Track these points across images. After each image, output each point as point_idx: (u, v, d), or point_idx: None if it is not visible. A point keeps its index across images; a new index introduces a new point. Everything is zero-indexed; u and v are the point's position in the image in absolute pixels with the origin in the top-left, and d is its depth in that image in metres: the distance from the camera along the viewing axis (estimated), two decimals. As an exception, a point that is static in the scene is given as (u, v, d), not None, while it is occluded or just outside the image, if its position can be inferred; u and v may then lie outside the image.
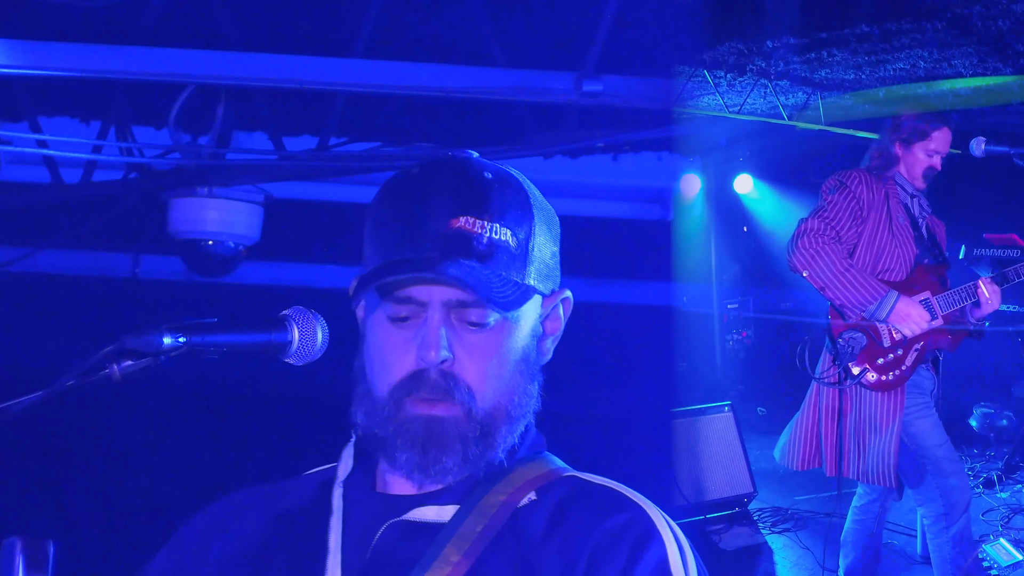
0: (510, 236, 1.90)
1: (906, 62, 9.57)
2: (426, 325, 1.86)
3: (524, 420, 1.97)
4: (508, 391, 1.92)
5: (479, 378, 1.88)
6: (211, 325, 1.77)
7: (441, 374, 1.86)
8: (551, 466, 2.02)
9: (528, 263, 1.94)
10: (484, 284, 1.83)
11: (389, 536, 1.89)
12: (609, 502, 1.90)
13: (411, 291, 1.86)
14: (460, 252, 1.85)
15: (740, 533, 8.30)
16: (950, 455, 5.97)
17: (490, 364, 1.89)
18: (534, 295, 1.96)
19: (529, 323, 1.97)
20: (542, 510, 1.90)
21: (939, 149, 6.08)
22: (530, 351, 1.97)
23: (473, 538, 1.84)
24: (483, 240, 1.87)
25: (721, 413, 8.83)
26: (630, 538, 1.82)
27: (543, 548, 1.83)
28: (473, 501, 1.90)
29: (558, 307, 2.05)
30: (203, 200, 6.61)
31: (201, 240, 6.65)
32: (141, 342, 1.70)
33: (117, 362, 1.69)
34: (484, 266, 1.86)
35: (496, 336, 1.90)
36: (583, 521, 1.86)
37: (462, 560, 1.81)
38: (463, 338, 1.88)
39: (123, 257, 7.46)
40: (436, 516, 1.89)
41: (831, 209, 5.92)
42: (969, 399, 11.97)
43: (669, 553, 1.82)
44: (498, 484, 1.92)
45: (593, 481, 1.98)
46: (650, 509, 1.89)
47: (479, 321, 1.88)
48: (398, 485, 1.97)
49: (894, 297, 5.79)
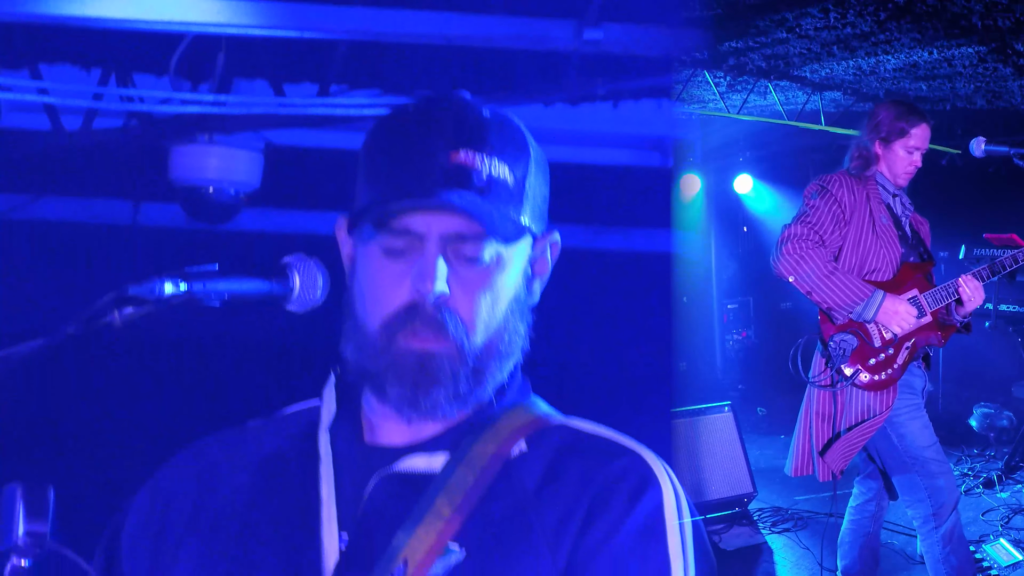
0: (508, 173, 1.90)
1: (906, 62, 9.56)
2: (423, 257, 1.84)
3: (513, 359, 1.96)
4: (500, 329, 1.92)
5: (473, 314, 1.88)
6: (212, 273, 1.77)
7: (437, 307, 1.85)
8: (539, 412, 2.02)
9: (524, 201, 1.94)
10: (486, 215, 1.82)
11: (380, 488, 1.88)
12: (604, 451, 1.91)
13: (409, 222, 1.84)
14: (460, 184, 1.84)
15: (740, 533, 8.40)
16: (938, 456, 5.98)
17: (484, 300, 1.89)
18: (527, 234, 1.95)
19: (521, 262, 1.96)
20: (535, 462, 1.90)
21: (919, 145, 6.04)
22: (521, 291, 1.97)
23: (465, 490, 1.84)
24: (482, 175, 1.87)
25: (721, 413, 8.93)
26: (627, 484, 1.83)
27: (539, 501, 1.84)
28: (464, 450, 1.89)
29: (547, 249, 2.04)
30: (203, 147, 6.61)
31: (201, 187, 6.65)
32: (142, 289, 1.69)
33: (118, 309, 1.68)
34: (484, 199, 1.85)
35: (491, 273, 1.89)
36: (579, 472, 1.87)
37: (455, 514, 1.81)
38: (459, 273, 1.87)
39: (123, 204, 7.44)
40: (426, 466, 1.89)
41: (813, 214, 5.91)
42: (969, 399, 12.03)
43: (665, 498, 1.84)
44: (487, 431, 1.92)
45: (585, 430, 1.98)
46: (646, 454, 1.90)
47: (475, 256, 1.87)
48: (385, 433, 1.96)
49: (880, 296, 5.79)
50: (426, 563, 1.78)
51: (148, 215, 7.47)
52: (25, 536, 1.63)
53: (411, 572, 1.77)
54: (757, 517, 8.86)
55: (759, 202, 14.85)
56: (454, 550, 1.79)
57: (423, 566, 1.77)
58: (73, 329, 1.67)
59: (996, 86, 10.65)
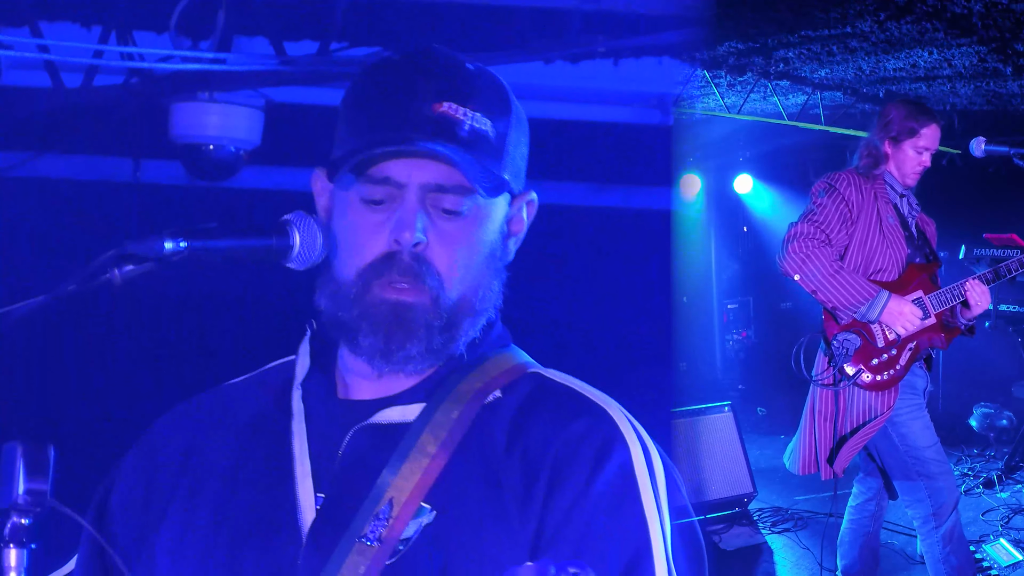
0: (490, 127, 1.89)
1: (906, 62, 9.52)
2: (403, 207, 1.83)
3: (486, 315, 1.95)
4: (475, 283, 1.90)
5: (449, 266, 1.86)
6: (212, 230, 1.75)
7: (414, 257, 1.83)
8: (517, 360, 2.00)
9: (504, 157, 1.92)
10: (468, 166, 1.81)
11: (357, 441, 1.88)
12: (570, 406, 1.88)
13: (390, 171, 1.83)
14: (443, 135, 1.83)
15: (740, 533, 8.40)
16: (939, 456, 5.99)
17: (461, 253, 1.87)
18: (506, 191, 1.94)
19: (499, 218, 1.95)
20: (505, 410, 1.88)
21: (929, 146, 6.02)
22: (497, 247, 1.95)
23: (443, 436, 1.83)
24: (465, 127, 1.85)
25: (721, 413, 8.92)
26: (592, 445, 1.80)
27: (507, 459, 1.82)
28: (439, 399, 1.88)
29: (523, 208, 2.02)
30: (204, 105, 6.60)
31: (202, 145, 6.65)
32: (142, 247, 1.68)
33: (118, 267, 1.67)
34: (466, 152, 1.83)
35: (469, 226, 1.88)
36: (543, 429, 1.84)
37: (433, 459, 1.80)
38: (437, 224, 1.85)
39: (124, 162, 7.44)
40: (401, 417, 1.87)
41: (820, 212, 5.90)
42: (969, 399, 12.01)
43: (633, 455, 1.81)
44: (463, 381, 1.91)
45: (556, 380, 1.96)
46: (612, 410, 1.88)
47: (454, 208, 1.85)
48: (358, 388, 1.95)
49: (885, 297, 5.79)
50: (412, 502, 1.77)
51: (148, 172, 7.46)
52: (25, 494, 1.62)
53: (396, 513, 1.76)
54: (757, 517, 8.87)
55: (759, 202, 14.84)
56: (426, 510, 1.78)
57: (409, 505, 1.77)
58: (73, 287, 1.66)
59: (996, 86, 10.63)
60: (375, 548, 1.74)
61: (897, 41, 8.71)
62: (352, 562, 1.74)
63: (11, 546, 1.61)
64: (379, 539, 1.75)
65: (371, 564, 1.73)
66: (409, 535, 1.76)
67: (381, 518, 1.76)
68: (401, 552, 1.75)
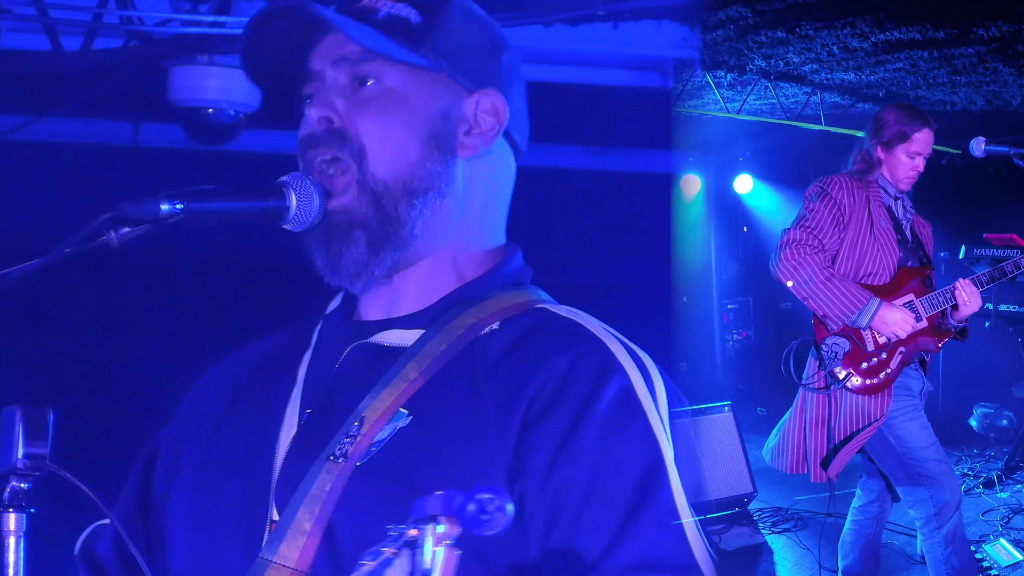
0: (410, 11, 1.88)
1: (906, 62, 9.51)
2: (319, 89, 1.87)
3: (433, 198, 1.88)
4: (407, 162, 1.86)
5: (371, 138, 1.84)
6: (208, 192, 1.74)
7: (329, 132, 1.85)
8: (528, 297, 1.96)
9: (432, 35, 1.89)
10: (350, 25, 1.81)
11: (353, 358, 1.89)
12: (566, 334, 1.83)
13: (311, 67, 1.88)
14: (351, 14, 1.85)
15: (740, 533, 8.40)
16: (938, 456, 6.02)
17: (381, 124, 1.84)
18: (440, 73, 1.90)
19: (438, 101, 1.90)
20: (501, 340, 1.84)
21: (921, 151, 6.02)
22: (438, 128, 1.89)
23: (431, 359, 1.80)
24: (380, 12, 1.87)
25: (721, 413, 8.95)
26: (588, 369, 1.74)
27: (493, 373, 1.78)
28: (438, 326, 1.86)
29: (489, 106, 1.95)
30: (203, 68, 6.59)
31: (201, 108, 6.63)
32: (139, 209, 1.67)
33: (115, 229, 1.66)
34: (376, 31, 1.84)
35: (390, 98, 1.86)
36: (537, 351, 1.79)
37: (417, 379, 1.78)
38: (354, 97, 1.86)
39: (123, 125, 7.44)
40: (399, 340, 1.87)
41: (812, 218, 5.94)
42: (969, 399, 12.07)
43: (633, 380, 1.75)
44: (467, 311, 1.88)
45: (560, 313, 1.90)
46: (611, 342, 1.81)
47: (363, 74, 1.85)
48: (367, 309, 1.97)
49: (875, 304, 5.82)
50: (379, 423, 1.76)
51: (148, 136, 7.46)
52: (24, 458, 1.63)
53: (364, 431, 1.75)
54: (757, 517, 8.93)
55: (759, 202, 14.93)
56: (403, 414, 1.76)
57: (376, 425, 1.75)
58: (69, 249, 1.66)
59: (996, 86, 10.64)
60: (340, 464, 1.73)
61: (897, 41, 8.72)
62: (320, 479, 1.73)
63: (10, 510, 1.62)
64: (344, 455, 1.73)
65: (336, 480, 1.72)
66: (383, 437, 1.75)
67: (352, 435, 1.75)
68: (373, 453, 1.74)
